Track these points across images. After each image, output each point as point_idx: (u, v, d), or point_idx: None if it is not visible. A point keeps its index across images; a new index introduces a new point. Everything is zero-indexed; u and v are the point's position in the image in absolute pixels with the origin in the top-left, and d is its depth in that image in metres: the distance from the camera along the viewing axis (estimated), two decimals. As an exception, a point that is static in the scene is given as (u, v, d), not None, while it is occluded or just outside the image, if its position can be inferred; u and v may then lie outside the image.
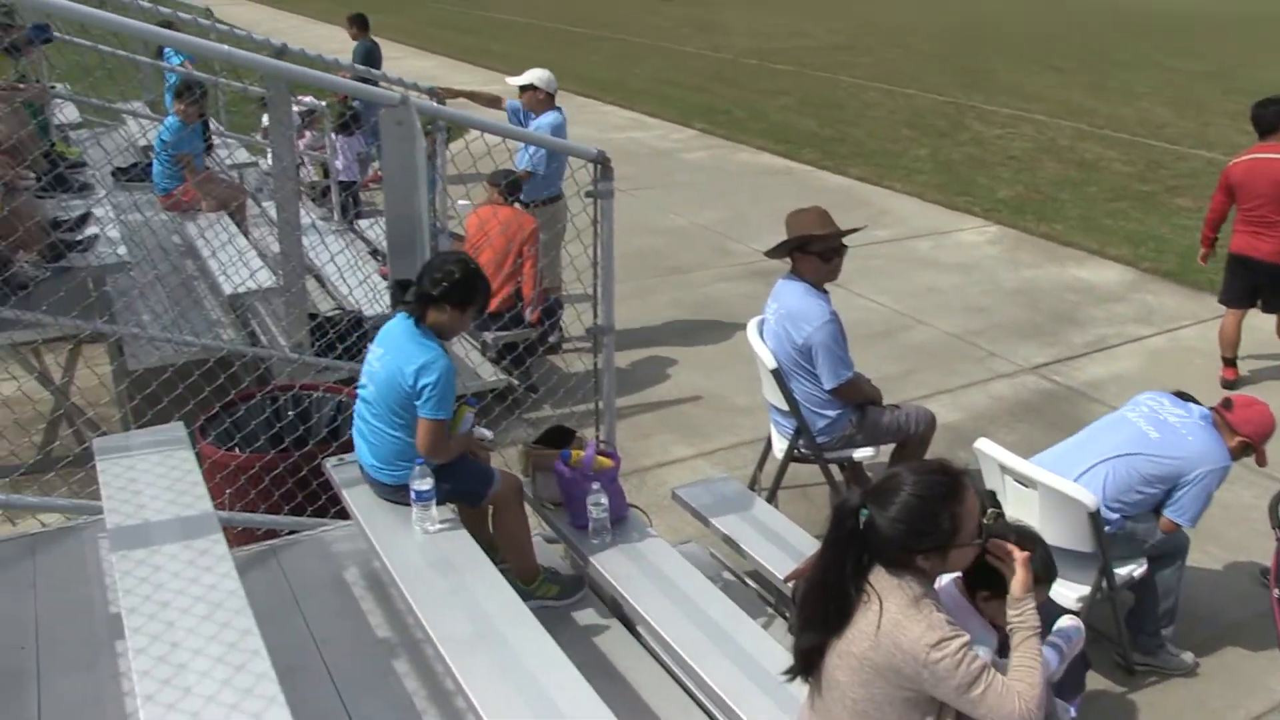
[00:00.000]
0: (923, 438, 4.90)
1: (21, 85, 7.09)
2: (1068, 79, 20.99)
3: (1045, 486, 3.92)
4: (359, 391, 3.81)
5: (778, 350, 4.77)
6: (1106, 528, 3.93)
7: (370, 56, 11.14)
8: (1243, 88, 18.35)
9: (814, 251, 4.65)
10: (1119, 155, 13.97)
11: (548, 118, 7.09)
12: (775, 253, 4.78)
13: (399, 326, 3.68)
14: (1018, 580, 2.60)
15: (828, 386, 4.70)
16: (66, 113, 9.39)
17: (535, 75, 7.17)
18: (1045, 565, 2.90)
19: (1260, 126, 6.62)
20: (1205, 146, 14.51)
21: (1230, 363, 6.98)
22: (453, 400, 3.64)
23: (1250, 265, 6.67)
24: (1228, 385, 6.84)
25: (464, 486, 3.77)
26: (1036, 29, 31.69)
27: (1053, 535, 3.66)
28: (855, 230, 4.84)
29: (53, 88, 9.15)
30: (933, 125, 15.87)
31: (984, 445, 4.20)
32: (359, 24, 11.59)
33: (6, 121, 6.07)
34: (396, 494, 3.71)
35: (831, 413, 4.79)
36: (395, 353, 3.61)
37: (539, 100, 7.17)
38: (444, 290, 3.59)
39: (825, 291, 4.76)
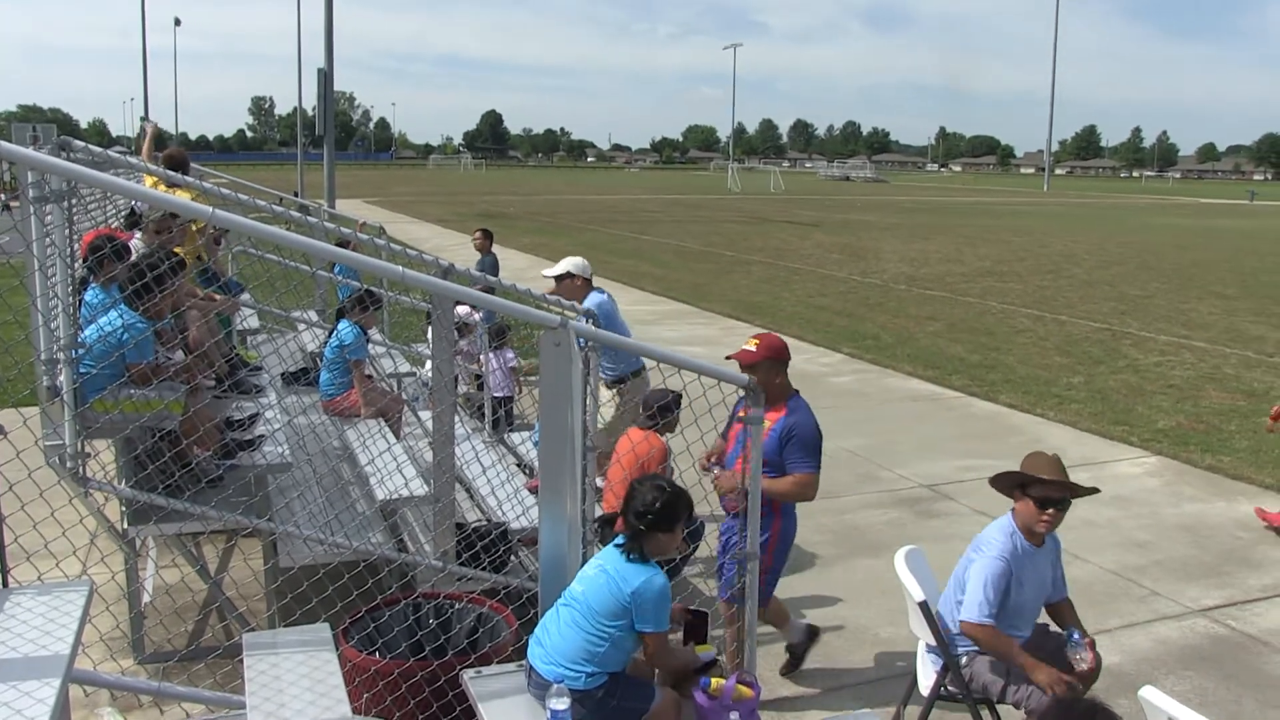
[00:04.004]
0: None
1: (217, 297, 7.66)
2: (1231, 305, 20.51)
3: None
4: (566, 591, 3.97)
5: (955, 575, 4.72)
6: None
7: (495, 268, 12.93)
8: None
9: (1031, 495, 4.63)
10: (1292, 385, 13.43)
11: (594, 298, 7.20)
12: (995, 483, 4.79)
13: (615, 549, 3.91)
14: None
15: (960, 617, 4.57)
16: (249, 320, 10.07)
17: (570, 263, 7.38)
18: None
19: None
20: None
21: None
22: (668, 613, 3.87)
23: None
24: None
25: (628, 703, 3.85)
26: (1196, 257, 31.28)
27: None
28: (1087, 491, 4.72)
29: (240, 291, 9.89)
30: (1086, 352, 15.60)
31: (1151, 694, 3.90)
32: (488, 237, 13.43)
33: (200, 330, 6.54)
34: (545, 691, 3.72)
35: (966, 651, 4.64)
36: (615, 570, 3.84)
37: (577, 287, 7.30)
38: (650, 521, 3.86)
39: (1029, 537, 4.66)
